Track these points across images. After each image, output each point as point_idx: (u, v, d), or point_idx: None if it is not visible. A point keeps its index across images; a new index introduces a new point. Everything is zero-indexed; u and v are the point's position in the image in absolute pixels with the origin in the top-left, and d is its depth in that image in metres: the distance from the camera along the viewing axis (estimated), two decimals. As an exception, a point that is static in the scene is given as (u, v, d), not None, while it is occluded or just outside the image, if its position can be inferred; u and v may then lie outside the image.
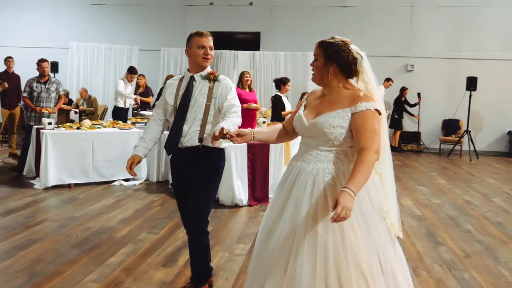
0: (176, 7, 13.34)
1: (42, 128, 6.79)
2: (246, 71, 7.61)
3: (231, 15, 13.15)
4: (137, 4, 13.47)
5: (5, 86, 8.72)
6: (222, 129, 2.35)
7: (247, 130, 2.42)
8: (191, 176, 3.05)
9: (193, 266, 3.25)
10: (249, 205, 5.93)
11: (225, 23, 13.17)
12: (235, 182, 5.85)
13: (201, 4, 13.25)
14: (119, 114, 9.41)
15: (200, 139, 3.01)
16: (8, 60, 9.11)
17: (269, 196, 6.12)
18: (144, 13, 13.45)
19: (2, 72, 9.12)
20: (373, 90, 2.34)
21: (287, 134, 2.58)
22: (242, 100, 7.33)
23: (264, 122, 8.37)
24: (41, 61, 7.44)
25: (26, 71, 9.35)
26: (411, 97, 12.15)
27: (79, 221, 5.03)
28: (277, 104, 7.74)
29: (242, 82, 7.33)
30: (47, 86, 7.42)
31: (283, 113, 7.66)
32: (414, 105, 12.13)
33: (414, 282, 3.61)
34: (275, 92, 8.14)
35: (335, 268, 2.12)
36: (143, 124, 7.81)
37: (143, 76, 10.20)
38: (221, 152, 3.15)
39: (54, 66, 11.82)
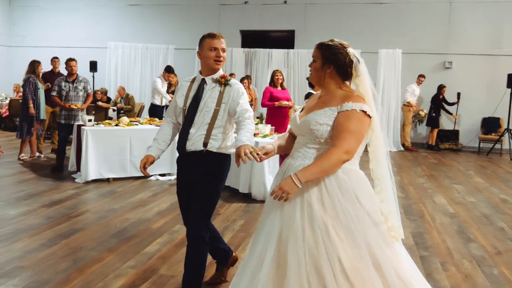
0: (211, 7, 13.56)
1: (82, 125, 7.08)
2: (277, 70, 7.74)
3: (265, 13, 13.25)
4: (172, 4, 13.77)
5: (48, 86, 9.10)
6: (250, 152, 2.43)
7: (271, 146, 2.51)
8: (194, 180, 2.99)
9: (183, 281, 3.04)
10: (281, 200, 6.01)
11: (259, 21, 13.29)
12: (267, 178, 5.94)
13: (236, 3, 13.41)
14: (156, 111, 9.67)
15: (205, 144, 2.94)
16: (54, 60, 9.48)
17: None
18: (180, 13, 13.75)
19: (48, 71, 9.50)
20: (366, 94, 2.36)
21: (295, 138, 2.59)
22: (274, 98, 7.48)
23: (297, 119, 8.46)
24: (69, 60, 7.62)
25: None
26: (449, 96, 11.92)
27: (118, 213, 5.25)
28: (310, 102, 7.77)
29: (273, 80, 7.48)
30: (75, 84, 7.55)
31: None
32: (452, 104, 11.89)
33: (441, 276, 3.65)
34: (308, 90, 8.18)
35: (311, 261, 2.16)
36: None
37: (175, 75, 10.44)
38: (226, 157, 3.04)
39: (93, 65, 12.23)
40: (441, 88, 11.84)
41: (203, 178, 2.97)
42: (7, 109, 12.59)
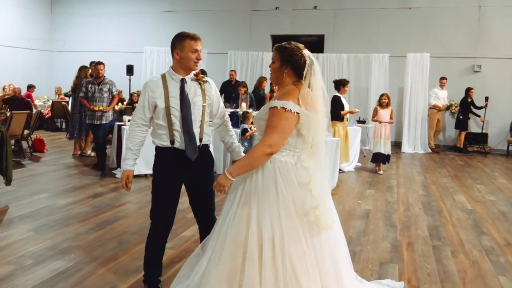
0: (242, 12, 14.04)
1: (123, 125, 7.61)
2: None
3: (295, 18, 13.61)
4: (206, 10, 14.32)
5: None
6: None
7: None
8: (197, 178, 3.09)
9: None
10: (306, 196, 6.37)
11: (289, 26, 13.67)
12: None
13: (267, 9, 13.83)
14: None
15: (200, 139, 3.03)
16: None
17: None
18: (213, 18, 14.28)
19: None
20: (317, 92, 2.60)
21: None
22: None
23: (324, 121, 8.80)
24: (97, 64, 7.94)
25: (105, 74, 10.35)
26: (478, 99, 11.98)
27: (156, 204, 5.73)
28: (336, 104, 8.12)
29: None
30: (100, 86, 7.83)
31: (342, 112, 8.03)
32: (480, 107, 11.94)
33: (450, 262, 3.97)
34: (335, 93, 8.51)
35: (231, 231, 2.55)
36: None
37: None
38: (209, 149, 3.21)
39: (130, 69, 12.85)
40: (468, 90, 11.91)
41: (206, 174, 3.12)
42: (49, 111, 13.28)
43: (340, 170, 8.17)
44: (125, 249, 4.10)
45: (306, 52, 2.63)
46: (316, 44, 13.77)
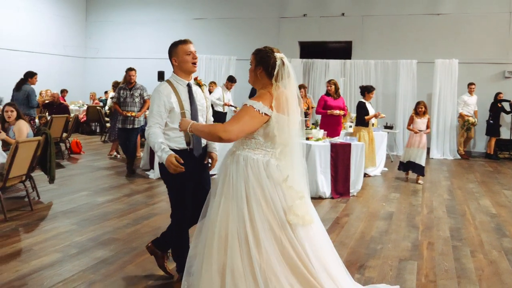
0: (271, 19, 14.33)
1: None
2: (328, 81, 8.40)
3: (323, 25, 13.81)
4: (235, 18, 14.68)
5: None
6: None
7: None
8: (203, 175, 3.38)
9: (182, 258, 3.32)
10: (332, 198, 6.58)
11: (317, 33, 13.87)
12: (319, 177, 6.53)
13: (295, 16, 14.08)
14: (219, 117, 10.50)
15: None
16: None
17: (350, 191, 6.74)
18: (241, 26, 14.62)
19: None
20: (291, 95, 2.79)
21: None
22: (328, 106, 8.12)
23: (350, 127, 8.99)
24: (128, 70, 8.16)
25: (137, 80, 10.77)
26: (507, 106, 11.90)
27: (187, 203, 6.04)
28: (361, 110, 8.30)
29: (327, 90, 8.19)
30: (132, 91, 8.06)
31: (366, 117, 8.20)
32: (509, 112, 11.86)
33: (468, 261, 4.12)
34: (360, 99, 8.68)
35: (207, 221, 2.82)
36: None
37: (215, 83, 11.17)
38: None
39: (161, 75, 13.23)
40: (497, 95, 11.83)
41: (207, 171, 3.46)
42: (84, 115, 13.82)
43: (365, 174, 8.33)
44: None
45: (278, 54, 2.82)
46: (344, 50, 13.93)
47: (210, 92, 10.65)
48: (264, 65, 2.81)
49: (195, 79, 3.43)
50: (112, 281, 3.56)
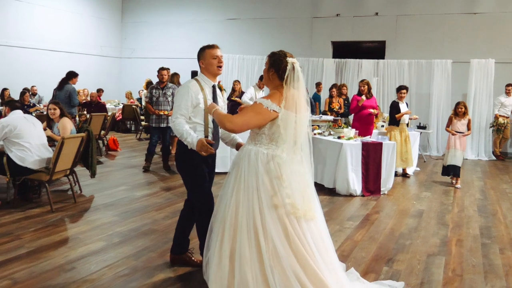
0: (304, 19, 14.43)
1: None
2: (361, 80, 8.47)
3: (356, 25, 13.81)
4: (268, 18, 14.86)
5: None
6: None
7: None
8: (212, 167, 3.70)
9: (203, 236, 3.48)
10: (362, 195, 6.68)
11: (350, 33, 13.89)
12: (350, 175, 6.64)
13: (328, 16, 14.14)
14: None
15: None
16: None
17: (381, 189, 6.82)
18: (275, 26, 14.78)
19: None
20: (300, 96, 3.00)
21: None
22: (360, 106, 8.16)
23: (382, 126, 9.03)
24: (161, 69, 8.28)
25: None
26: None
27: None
28: (392, 110, 8.35)
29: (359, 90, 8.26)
30: (164, 91, 8.19)
31: (396, 116, 8.24)
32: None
33: (496, 257, 4.19)
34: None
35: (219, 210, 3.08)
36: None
37: (239, 82, 11.35)
38: None
39: (195, 75, 13.44)
40: (532, 94, 11.58)
41: (214, 163, 3.75)
42: (120, 113, 14.21)
43: (406, 174, 8.37)
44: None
45: (290, 59, 3.02)
46: (377, 50, 13.90)
47: (234, 89, 10.87)
48: (276, 67, 3.03)
49: (218, 82, 3.72)
50: (153, 267, 3.81)
